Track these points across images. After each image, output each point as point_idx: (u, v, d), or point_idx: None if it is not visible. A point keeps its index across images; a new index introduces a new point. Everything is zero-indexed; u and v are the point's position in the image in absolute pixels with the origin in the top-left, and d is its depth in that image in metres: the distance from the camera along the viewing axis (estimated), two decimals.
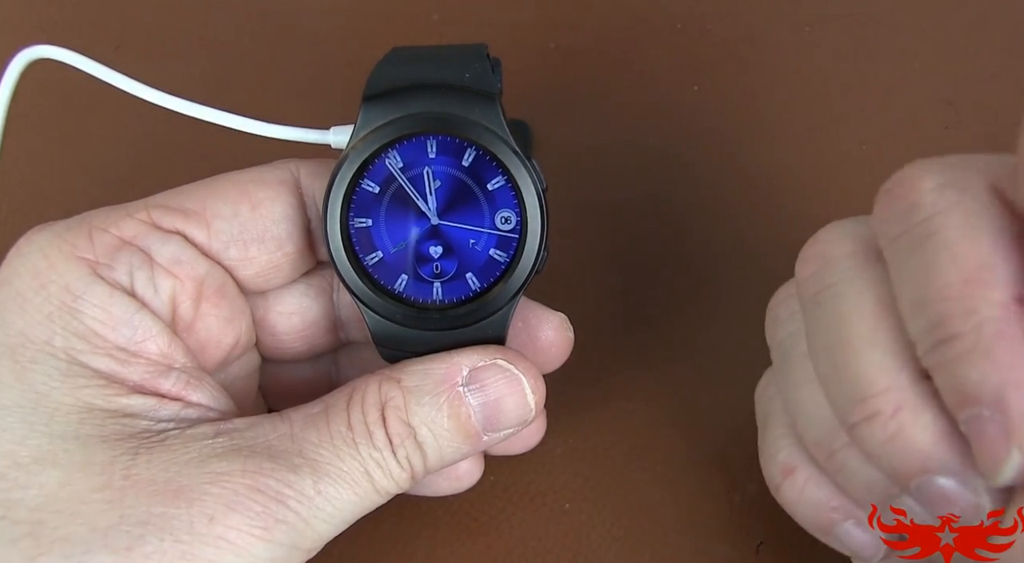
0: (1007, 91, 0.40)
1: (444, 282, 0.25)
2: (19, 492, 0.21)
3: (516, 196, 0.25)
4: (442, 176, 0.25)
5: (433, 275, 0.25)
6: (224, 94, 0.30)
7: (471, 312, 0.25)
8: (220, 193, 0.25)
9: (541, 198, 0.25)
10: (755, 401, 0.27)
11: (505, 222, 0.25)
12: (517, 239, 0.25)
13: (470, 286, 0.25)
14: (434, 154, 0.25)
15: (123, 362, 0.23)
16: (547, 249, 0.25)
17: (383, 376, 0.24)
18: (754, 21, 0.43)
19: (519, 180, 0.24)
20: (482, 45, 0.26)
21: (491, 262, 0.25)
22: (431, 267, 0.25)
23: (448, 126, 0.24)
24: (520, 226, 0.25)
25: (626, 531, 0.29)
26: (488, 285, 0.25)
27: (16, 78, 0.27)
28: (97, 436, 0.22)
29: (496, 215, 0.25)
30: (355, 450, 0.23)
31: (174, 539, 0.21)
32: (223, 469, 0.22)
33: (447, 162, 0.25)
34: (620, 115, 0.39)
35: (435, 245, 0.25)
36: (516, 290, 0.25)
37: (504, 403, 0.25)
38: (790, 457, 0.24)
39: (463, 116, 0.24)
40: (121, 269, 0.24)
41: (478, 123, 0.24)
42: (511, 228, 0.25)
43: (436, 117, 0.24)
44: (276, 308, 0.27)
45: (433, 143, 0.24)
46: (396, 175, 0.25)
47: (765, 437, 0.25)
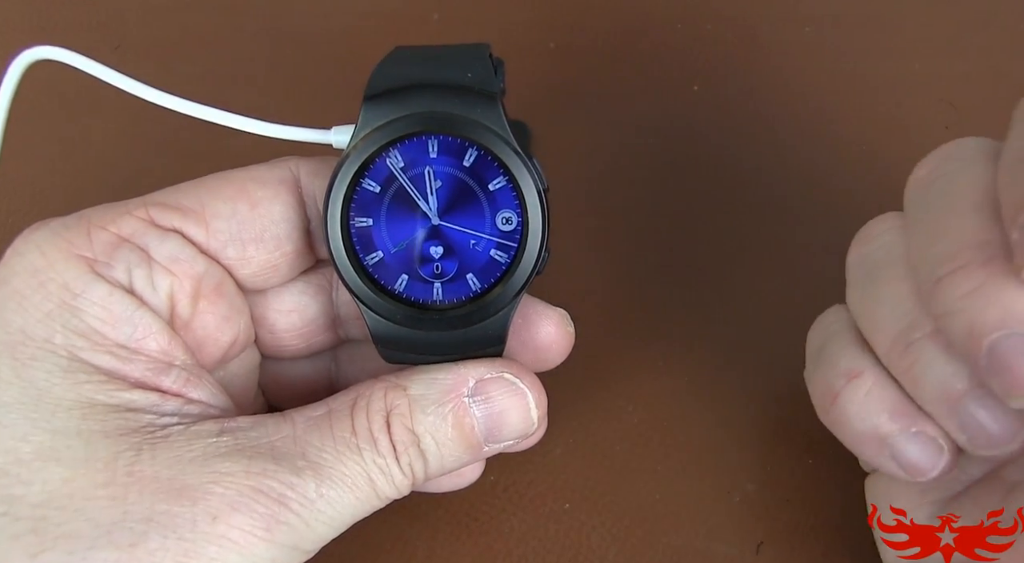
0: (1007, 91, 0.40)
1: (445, 282, 0.25)
2: (22, 488, 0.21)
3: (517, 196, 0.25)
4: (443, 176, 0.25)
5: (433, 275, 0.25)
6: (225, 94, 0.30)
7: (471, 313, 0.25)
8: (219, 192, 0.25)
9: (542, 198, 0.25)
10: (807, 341, 0.27)
11: (506, 222, 0.25)
12: (518, 240, 0.25)
13: (471, 287, 0.25)
14: (435, 154, 0.24)
15: (124, 359, 0.23)
16: (548, 250, 0.25)
17: (389, 383, 0.24)
18: (754, 21, 0.43)
19: (520, 180, 0.24)
20: (484, 45, 0.26)
21: (492, 263, 0.25)
22: (432, 267, 0.25)
23: (449, 126, 0.24)
24: (521, 227, 0.25)
25: (626, 531, 0.29)
26: (489, 286, 0.25)
27: (18, 79, 0.27)
28: (100, 432, 0.22)
29: (497, 215, 0.25)
30: (358, 455, 0.23)
31: (177, 537, 0.21)
32: (227, 469, 0.22)
33: (448, 162, 0.24)
34: (620, 115, 0.39)
35: (436, 245, 0.25)
36: (517, 291, 0.25)
37: (507, 416, 0.25)
38: (856, 362, 0.24)
39: (464, 116, 0.24)
40: (120, 267, 0.24)
41: (479, 123, 0.24)
42: (512, 229, 0.25)
43: (437, 117, 0.24)
44: (275, 306, 0.27)
45: (434, 143, 0.24)
46: (397, 175, 0.25)
47: (821, 357, 0.25)
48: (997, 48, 0.42)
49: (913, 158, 0.25)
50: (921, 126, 0.38)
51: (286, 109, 0.28)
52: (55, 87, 0.38)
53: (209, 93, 0.28)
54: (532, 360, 0.27)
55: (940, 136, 0.38)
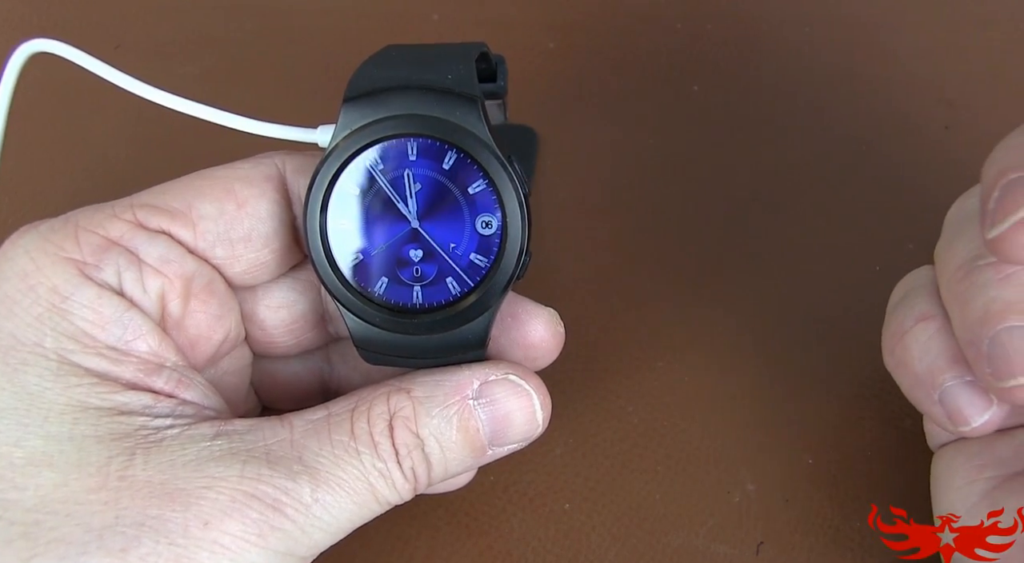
0: (1007, 91, 0.40)
1: (424, 286, 0.25)
2: (15, 493, 0.21)
3: (497, 200, 0.24)
4: (423, 179, 0.24)
5: (413, 278, 0.25)
6: (225, 93, 0.30)
7: (451, 316, 0.25)
8: (205, 192, 0.25)
9: (523, 203, 0.24)
10: (892, 294, 0.27)
11: (486, 226, 0.24)
12: (498, 244, 0.25)
13: (450, 290, 0.25)
14: (415, 156, 0.24)
15: (115, 361, 0.23)
16: (529, 254, 0.25)
17: (392, 388, 0.24)
18: (754, 21, 0.43)
19: (499, 184, 0.24)
20: (475, 45, 0.26)
21: (472, 266, 0.25)
22: (411, 270, 0.25)
23: (429, 128, 0.24)
24: (501, 230, 0.24)
25: (626, 531, 0.29)
26: (468, 290, 0.25)
27: (18, 71, 0.27)
28: (92, 436, 0.22)
29: (477, 219, 0.24)
30: (357, 460, 0.23)
31: (169, 542, 0.21)
32: (220, 473, 0.22)
33: (427, 165, 0.24)
34: (620, 115, 0.39)
35: (415, 248, 0.25)
36: (497, 295, 0.25)
37: (513, 418, 0.25)
38: (929, 307, 0.24)
39: (444, 119, 0.24)
40: (109, 269, 0.24)
41: (460, 126, 0.24)
42: (492, 233, 0.25)
43: (417, 119, 0.24)
44: (264, 302, 0.27)
45: (414, 145, 0.24)
46: (376, 177, 0.24)
47: (900, 303, 0.26)
48: (997, 48, 0.42)
49: (913, 158, 0.25)
50: (921, 126, 0.38)
51: (284, 108, 0.28)
52: (53, 85, 0.38)
53: (209, 93, 0.28)
54: (522, 360, 0.26)
55: (940, 136, 0.38)
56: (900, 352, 0.25)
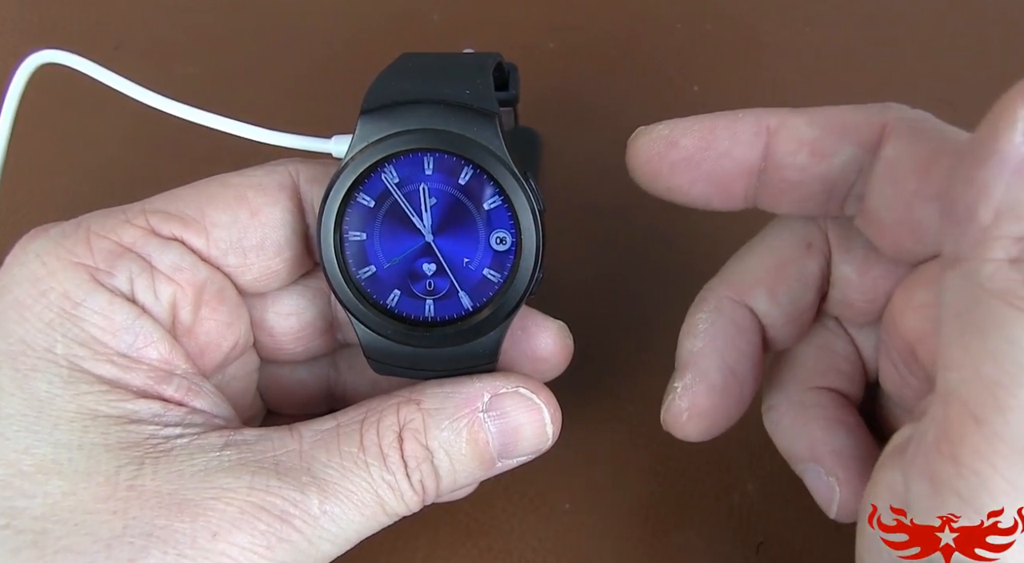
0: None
1: (437, 300, 0.25)
2: (23, 501, 0.21)
3: (512, 217, 0.24)
4: (438, 193, 0.24)
5: (426, 292, 0.25)
6: (225, 94, 0.30)
7: (463, 331, 0.25)
8: (218, 200, 0.25)
9: (538, 220, 0.24)
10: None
11: (500, 242, 0.24)
12: (512, 260, 0.24)
13: (463, 305, 0.25)
14: (431, 171, 0.24)
15: (125, 368, 0.23)
16: (543, 270, 0.25)
17: (402, 399, 0.24)
18: (754, 21, 0.43)
19: (515, 201, 0.24)
20: (491, 56, 0.25)
21: (484, 282, 0.25)
22: (424, 284, 0.25)
23: (445, 143, 0.24)
24: (515, 247, 0.24)
25: (626, 531, 0.29)
26: (481, 305, 0.25)
27: (25, 82, 0.27)
28: (102, 445, 0.22)
29: (491, 235, 0.24)
30: (365, 471, 0.23)
31: (177, 553, 0.21)
32: (229, 484, 0.22)
33: (443, 180, 0.24)
34: (620, 115, 0.39)
35: (428, 262, 0.25)
36: (509, 311, 0.24)
37: (522, 431, 0.25)
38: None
39: (461, 134, 0.24)
40: (121, 276, 0.24)
41: (476, 142, 0.24)
42: (506, 249, 0.24)
43: (434, 134, 0.24)
44: (273, 309, 0.27)
45: (430, 160, 0.24)
46: (392, 190, 0.24)
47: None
48: (997, 48, 0.42)
49: None
50: None
51: (285, 110, 0.28)
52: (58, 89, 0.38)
53: (209, 93, 0.28)
54: (530, 371, 0.26)
55: None
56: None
